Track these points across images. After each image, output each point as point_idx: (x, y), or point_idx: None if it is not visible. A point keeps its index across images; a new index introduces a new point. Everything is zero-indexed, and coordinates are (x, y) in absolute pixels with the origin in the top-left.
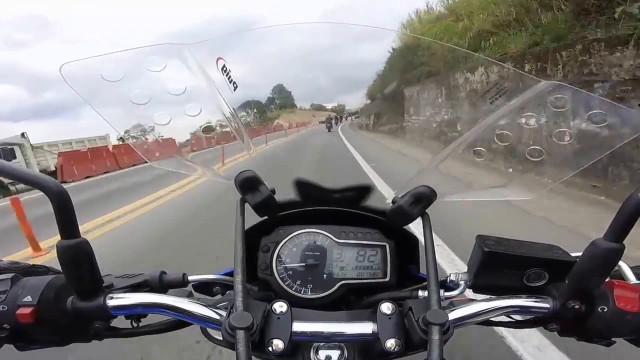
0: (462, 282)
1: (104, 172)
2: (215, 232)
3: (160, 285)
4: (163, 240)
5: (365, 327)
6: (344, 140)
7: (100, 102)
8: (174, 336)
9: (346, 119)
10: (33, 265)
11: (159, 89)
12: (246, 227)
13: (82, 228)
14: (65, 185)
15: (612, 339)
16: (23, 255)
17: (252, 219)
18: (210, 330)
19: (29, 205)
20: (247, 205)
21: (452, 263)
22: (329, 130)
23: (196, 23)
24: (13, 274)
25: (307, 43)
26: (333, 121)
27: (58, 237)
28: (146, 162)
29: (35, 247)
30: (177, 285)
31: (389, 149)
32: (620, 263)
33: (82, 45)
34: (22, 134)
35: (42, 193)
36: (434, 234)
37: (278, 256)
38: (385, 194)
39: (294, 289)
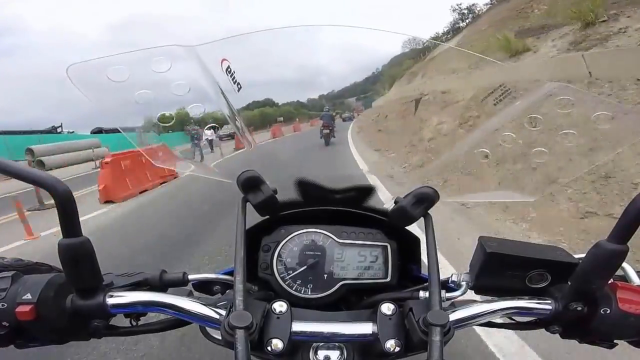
0: (463, 283)
1: None
2: None
3: (161, 283)
4: None
5: (365, 328)
6: None
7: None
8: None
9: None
10: (36, 262)
11: (164, 90)
12: (247, 227)
13: None
14: None
15: (615, 341)
16: None
17: (253, 218)
18: (209, 330)
19: None
20: (248, 204)
21: None
22: (327, 144)
23: None
24: (14, 272)
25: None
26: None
27: None
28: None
29: None
30: (177, 284)
31: None
32: (624, 265)
33: None
34: None
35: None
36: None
37: (279, 256)
38: None
39: (294, 288)
